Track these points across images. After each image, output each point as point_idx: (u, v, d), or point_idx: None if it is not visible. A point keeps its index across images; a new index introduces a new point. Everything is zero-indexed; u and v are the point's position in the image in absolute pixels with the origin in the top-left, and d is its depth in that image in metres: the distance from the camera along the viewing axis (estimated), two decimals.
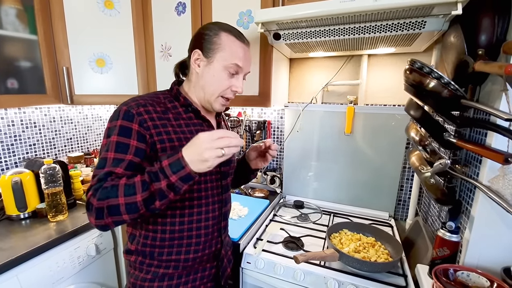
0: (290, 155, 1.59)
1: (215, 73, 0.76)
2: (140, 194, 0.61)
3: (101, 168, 0.66)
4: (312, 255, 0.95)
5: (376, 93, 1.44)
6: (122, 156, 0.67)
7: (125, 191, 0.62)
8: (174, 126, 0.75)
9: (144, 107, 0.71)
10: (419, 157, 1.04)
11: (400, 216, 1.46)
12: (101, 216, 0.63)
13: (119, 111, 0.70)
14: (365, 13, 0.91)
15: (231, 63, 0.75)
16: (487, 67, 0.68)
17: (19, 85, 1.24)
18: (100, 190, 0.63)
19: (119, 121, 0.69)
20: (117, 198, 0.61)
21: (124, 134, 0.68)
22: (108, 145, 0.68)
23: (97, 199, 0.62)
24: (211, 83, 0.77)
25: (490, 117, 0.75)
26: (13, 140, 1.44)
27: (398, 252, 1.00)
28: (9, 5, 1.19)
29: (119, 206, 0.62)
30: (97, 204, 0.62)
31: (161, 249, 0.77)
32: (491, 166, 0.73)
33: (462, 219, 0.86)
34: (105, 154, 0.67)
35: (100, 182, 0.65)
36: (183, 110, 0.79)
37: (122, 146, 0.67)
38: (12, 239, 1.05)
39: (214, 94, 0.78)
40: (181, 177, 0.60)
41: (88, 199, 0.65)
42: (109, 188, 0.63)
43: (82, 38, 1.39)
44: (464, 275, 0.75)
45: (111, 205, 0.62)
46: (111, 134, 0.68)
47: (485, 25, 0.75)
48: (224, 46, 0.75)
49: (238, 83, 0.79)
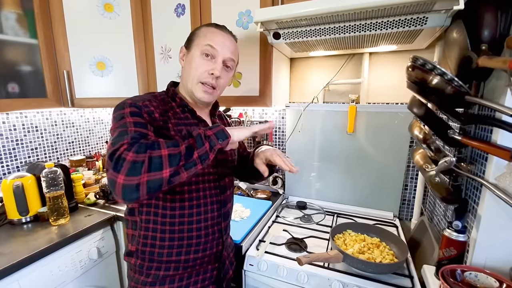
0: (292, 155, 1.57)
1: (192, 60, 0.79)
2: (184, 144, 0.61)
3: (122, 137, 0.61)
4: (316, 257, 0.93)
5: (378, 92, 1.43)
6: (144, 131, 0.65)
7: (168, 144, 0.60)
8: (174, 124, 0.76)
9: (149, 101, 0.72)
10: (423, 155, 1.02)
11: (405, 216, 1.44)
12: (136, 172, 0.55)
13: (124, 102, 0.70)
14: (365, 10, 0.90)
15: (204, 44, 0.77)
16: (491, 62, 0.66)
17: (20, 89, 1.25)
18: (138, 144, 0.59)
19: (128, 108, 0.68)
20: (160, 150, 0.58)
21: (138, 116, 0.67)
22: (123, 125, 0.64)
23: (135, 151, 0.57)
24: (189, 71, 0.79)
25: (495, 113, 0.73)
26: (14, 144, 1.44)
27: (404, 252, 0.98)
28: (9, 9, 1.19)
29: (161, 157, 0.58)
30: (134, 158, 0.56)
31: (161, 250, 0.77)
32: (498, 164, 0.72)
33: (468, 218, 0.84)
34: (125, 129, 0.63)
35: (134, 139, 0.60)
36: (180, 110, 0.80)
37: (140, 125, 0.66)
38: (14, 243, 1.04)
39: (193, 81, 0.79)
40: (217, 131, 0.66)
41: (118, 154, 0.57)
42: (149, 143, 0.60)
43: (82, 42, 1.39)
44: (472, 276, 0.73)
45: (153, 156, 0.57)
46: (121, 118, 0.66)
47: (488, 20, 0.73)
48: (200, 34, 0.80)
49: (215, 65, 0.78)
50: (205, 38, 0.78)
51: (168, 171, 0.57)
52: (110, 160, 0.57)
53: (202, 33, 0.80)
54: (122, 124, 0.65)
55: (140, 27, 1.48)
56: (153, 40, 1.49)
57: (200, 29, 0.81)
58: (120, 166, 0.56)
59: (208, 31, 0.80)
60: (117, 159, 0.57)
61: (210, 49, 0.77)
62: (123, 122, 0.65)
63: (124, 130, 0.63)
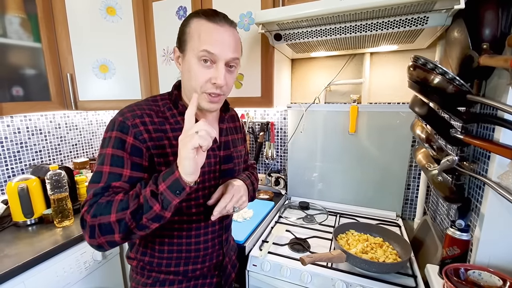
0: (294, 156, 1.58)
1: (190, 67, 0.67)
2: (130, 207, 0.57)
3: (96, 183, 0.62)
4: (319, 257, 0.93)
5: (380, 91, 1.43)
6: (119, 170, 0.63)
7: (118, 207, 0.58)
8: (171, 139, 0.69)
9: (140, 118, 0.66)
10: (425, 154, 1.02)
11: (408, 216, 1.43)
12: (94, 235, 0.59)
13: (115, 122, 0.66)
14: (366, 11, 0.90)
15: (199, 50, 0.64)
16: (492, 61, 0.67)
17: (24, 92, 1.26)
18: (95, 206, 0.59)
19: (114, 132, 0.65)
20: (109, 215, 0.57)
21: (118, 146, 0.64)
22: (103, 158, 0.64)
23: (91, 215, 0.59)
24: (188, 80, 0.69)
25: (497, 112, 0.73)
26: (19, 147, 1.46)
27: (407, 252, 0.98)
28: (13, 14, 1.21)
29: (110, 224, 0.58)
30: (90, 222, 0.58)
31: (160, 260, 0.76)
32: (500, 162, 0.72)
33: (471, 217, 0.84)
34: (100, 168, 0.63)
35: (95, 197, 0.61)
36: (182, 118, 0.71)
37: (117, 160, 0.63)
38: (19, 245, 1.05)
39: (195, 91, 0.68)
40: (170, 183, 0.56)
41: (82, 215, 0.60)
42: (103, 204, 0.59)
43: (85, 45, 1.41)
44: (475, 274, 0.73)
45: (102, 223, 0.58)
46: (106, 145, 0.65)
47: (488, 19, 0.74)
48: (192, 34, 0.65)
49: (216, 73, 0.66)
50: (199, 40, 0.64)
51: (118, 236, 0.59)
52: (80, 215, 0.62)
53: (194, 32, 0.65)
54: (102, 158, 0.64)
55: (142, 30, 1.49)
56: (155, 42, 1.50)
57: (190, 25, 0.66)
58: (84, 227, 0.60)
59: (201, 30, 0.65)
60: (81, 219, 0.61)
61: (208, 55, 0.64)
62: (104, 153, 0.64)
63: (99, 172, 0.63)
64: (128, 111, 0.68)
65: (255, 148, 1.68)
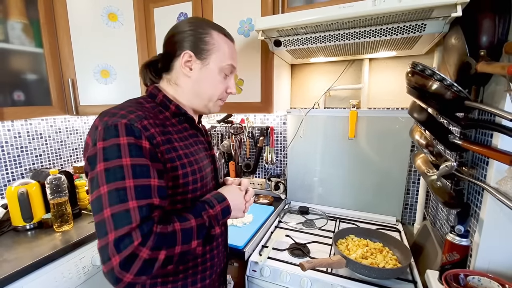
0: (294, 160, 1.58)
1: (212, 76, 0.71)
2: (196, 241, 0.57)
3: (122, 202, 0.50)
4: (319, 262, 0.93)
5: (379, 97, 1.44)
6: (146, 181, 0.53)
7: (183, 238, 0.54)
8: (178, 141, 0.66)
9: (147, 120, 0.59)
10: (424, 160, 1.02)
11: (408, 221, 1.43)
12: (148, 271, 0.49)
13: (117, 125, 0.54)
14: (364, 18, 0.92)
15: (227, 64, 0.72)
16: (489, 67, 0.67)
17: (26, 97, 1.27)
18: (156, 237, 0.50)
19: (123, 138, 0.53)
20: (175, 247, 0.53)
21: (137, 153, 0.54)
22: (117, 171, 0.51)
23: (152, 248, 0.48)
24: (208, 87, 0.72)
25: (495, 118, 0.74)
26: (19, 151, 1.46)
27: (407, 257, 0.98)
28: (15, 19, 1.22)
29: (173, 257, 0.53)
30: (151, 255, 0.48)
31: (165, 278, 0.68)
32: (498, 168, 0.72)
33: (471, 222, 0.84)
34: (120, 184, 0.50)
35: (146, 222, 0.50)
36: (176, 120, 0.70)
37: (142, 170, 0.53)
38: (18, 250, 1.05)
39: (212, 99, 0.74)
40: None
41: (131, 250, 0.47)
42: (168, 235, 0.52)
43: (87, 50, 1.42)
44: (475, 280, 0.73)
45: (168, 256, 0.51)
46: (114, 156, 0.52)
47: (485, 26, 0.75)
48: (219, 47, 0.70)
49: (231, 84, 0.76)
50: (226, 54, 0.71)
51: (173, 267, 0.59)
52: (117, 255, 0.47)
53: (219, 44, 0.70)
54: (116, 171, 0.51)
55: (143, 36, 1.51)
56: (156, 48, 1.51)
57: (213, 37, 0.69)
58: (130, 263, 0.47)
59: (225, 44, 0.71)
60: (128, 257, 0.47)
61: (231, 69, 0.73)
62: (118, 164, 0.51)
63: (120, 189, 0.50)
64: (127, 112, 0.58)
65: (255, 153, 1.68)
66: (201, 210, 0.62)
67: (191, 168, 0.66)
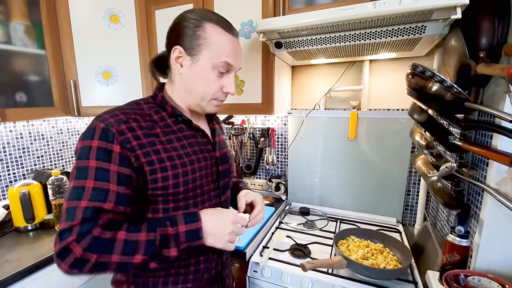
0: (295, 161, 1.59)
1: (203, 74, 0.65)
2: (141, 256, 0.54)
3: (77, 200, 0.54)
4: (320, 263, 0.94)
5: (379, 98, 1.44)
6: (105, 185, 0.55)
7: (123, 249, 0.53)
8: (164, 143, 0.64)
9: (126, 124, 0.60)
10: (425, 161, 1.03)
11: (408, 222, 1.43)
12: (81, 267, 0.52)
13: (95, 128, 0.58)
14: (365, 20, 0.92)
15: (220, 61, 0.65)
16: (489, 69, 0.68)
17: (28, 98, 1.28)
18: (91, 239, 0.52)
19: (95, 141, 0.57)
20: (111, 255, 0.52)
21: (104, 158, 0.56)
22: (86, 171, 0.55)
23: (84, 249, 0.51)
24: (199, 86, 0.67)
25: (495, 119, 0.75)
26: (21, 152, 1.47)
27: (408, 258, 0.98)
28: (18, 21, 1.23)
29: (109, 264, 0.53)
30: (82, 255, 0.51)
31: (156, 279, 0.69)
32: (498, 169, 0.73)
33: (471, 223, 0.85)
34: (82, 182, 0.55)
35: (86, 223, 0.53)
36: (172, 121, 0.69)
37: (103, 174, 0.56)
38: (20, 250, 1.06)
39: (204, 99, 0.68)
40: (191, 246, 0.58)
41: (66, 243, 0.51)
42: (105, 241, 0.53)
43: (89, 52, 1.43)
44: (475, 280, 0.73)
45: (101, 261, 0.52)
46: (86, 156, 0.56)
47: (485, 28, 0.75)
48: (211, 41, 0.63)
49: (229, 82, 0.68)
50: (220, 50, 0.64)
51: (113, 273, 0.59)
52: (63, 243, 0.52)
53: (212, 38, 0.63)
54: (83, 171, 0.55)
55: (145, 37, 1.51)
56: (157, 49, 1.52)
57: (205, 29, 0.63)
58: (66, 255, 0.51)
59: (220, 37, 0.64)
60: (64, 248, 0.52)
61: (227, 66, 0.66)
62: (85, 165, 0.55)
63: (79, 187, 0.55)
64: (110, 116, 0.61)
65: (256, 154, 1.69)
66: (158, 225, 0.57)
67: (173, 172, 0.63)
